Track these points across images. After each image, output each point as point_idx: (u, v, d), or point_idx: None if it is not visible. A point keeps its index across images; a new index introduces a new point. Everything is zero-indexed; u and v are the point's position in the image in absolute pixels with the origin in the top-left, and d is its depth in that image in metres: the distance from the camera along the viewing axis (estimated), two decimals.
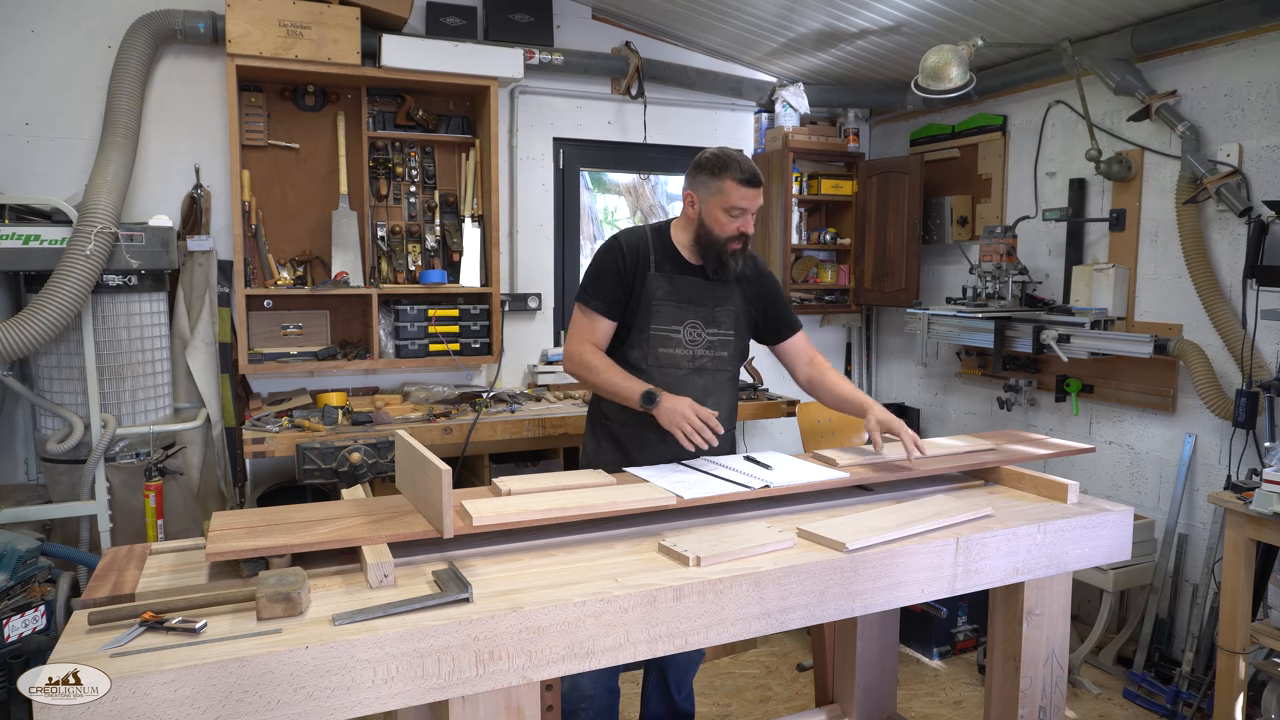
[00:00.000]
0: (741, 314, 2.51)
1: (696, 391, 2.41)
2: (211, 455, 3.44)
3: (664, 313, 2.41)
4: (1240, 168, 3.18)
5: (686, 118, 4.48)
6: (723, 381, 2.50)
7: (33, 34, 3.29)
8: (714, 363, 2.47)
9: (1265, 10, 2.97)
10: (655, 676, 2.71)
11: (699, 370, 2.44)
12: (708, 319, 2.45)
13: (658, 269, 2.42)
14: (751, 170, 2.36)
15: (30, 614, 2.44)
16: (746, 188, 2.34)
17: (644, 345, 2.41)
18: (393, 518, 1.78)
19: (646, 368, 2.40)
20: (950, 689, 3.45)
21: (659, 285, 2.41)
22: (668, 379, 2.39)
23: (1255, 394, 3.02)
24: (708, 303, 2.45)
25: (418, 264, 3.84)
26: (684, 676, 2.71)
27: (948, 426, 4.60)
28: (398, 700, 1.41)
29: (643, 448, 2.42)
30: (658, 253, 2.44)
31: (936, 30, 3.71)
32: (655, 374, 2.39)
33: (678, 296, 2.43)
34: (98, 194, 2.99)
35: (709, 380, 2.46)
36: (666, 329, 2.41)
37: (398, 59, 3.52)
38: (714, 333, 2.45)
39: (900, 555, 1.83)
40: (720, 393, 2.49)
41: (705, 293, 2.45)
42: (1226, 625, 2.84)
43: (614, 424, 2.47)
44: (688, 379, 2.42)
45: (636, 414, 2.36)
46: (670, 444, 2.33)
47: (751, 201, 2.36)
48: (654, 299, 2.41)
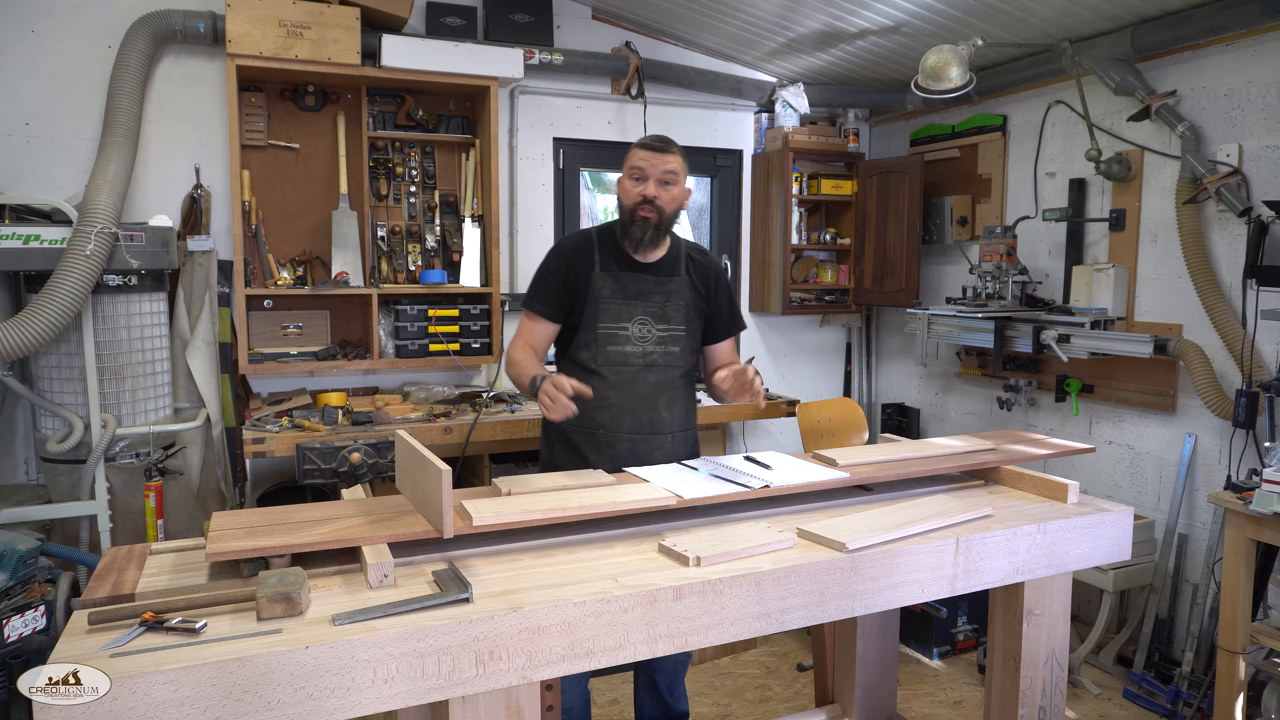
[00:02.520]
0: (693, 308, 2.48)
1: (648, 389, 2.40)
2: (211, 455, 3.44)
3: (610, 310, 2.40)
4: (1240, 168, 3.18)
5: (686, 118, 4.48)
6: (675, 378, 2.48)
7: (33, 34, 3.29)
8: (665, 359, 2.44)
9: (1265, 10, 2.97)
10: (645, 682, 2.67)
11: (650, 367, 2.42)
12: (657, 315, 2.42)
13: (603, 268, 2.42)
14: (655, 137, 2.41)
15: (30, 614, 2.43)
16: (644, 150, 2.37)
17: (592, 345, 2.39)
18: (393, 518, 1.78)
19: (597, 367, 2.39)
20: (950, 689, 3.45)
21: (604, 284, 2.40)
22: (619, 377, 2.38)
23: (1255, 394, 3.02)
24: (656, 298, 2.43)
25: (418, 264, 3.84)
26: (673, 678, 2.68)
27: (948, 426, 4.60)
28: (398, 700, 1.41)
29: (596, 448, 2.40)
30: (603, 252, 2.44)
31: (936, 30, 3.71)
32: (606, 373, 2.38)
33: (624, 293, 2.41)
34: (98, 194, 2.99)
35: (660, 377, 2.44)
36: (614, 327, 2.39)
37: (398, 59, 3.52)
38: (664, 328, 2.43)
39: (900, 555, 1.83)
40: (674, 390, 2.47)
41: (654, 288, 2.43)
42: (1226, 625, 2.84)
43: (566, 426, 2.38)
44: (639, 376, 2.40)
45: (589, 413, 2.32)
46: (625, 441, 2.36)
47: (649, 162, 2.35)
48: (600, 297, 2.39)
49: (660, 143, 2.39)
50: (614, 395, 2.39)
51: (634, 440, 2.41)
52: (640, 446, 2.41)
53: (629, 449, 2.39)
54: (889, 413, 4.85)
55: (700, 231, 5.04)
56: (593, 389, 2.32)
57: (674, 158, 2.38)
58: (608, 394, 2.38)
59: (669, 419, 2.46)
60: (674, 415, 2.47)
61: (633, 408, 2.40)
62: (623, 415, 2.40)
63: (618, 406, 2.39)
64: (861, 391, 5.10)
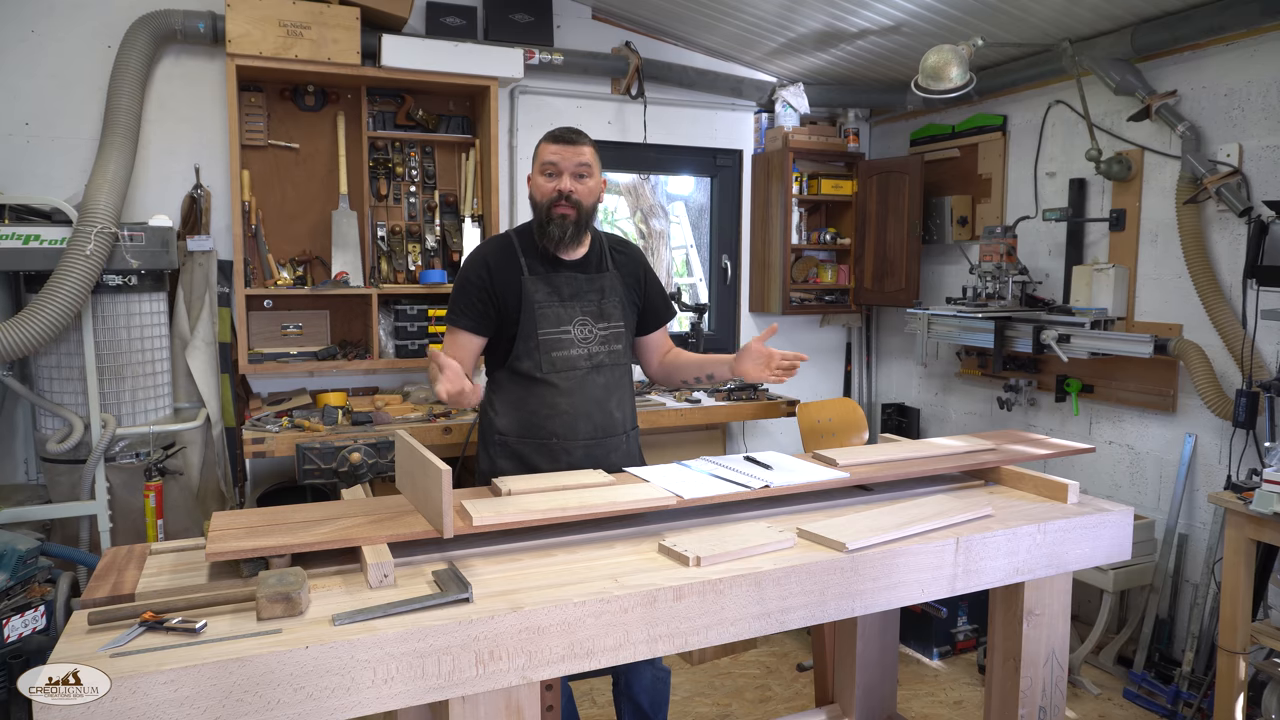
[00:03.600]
0: (627, 303, 2.41)
1: (599, 391, 2.32)
2: (211, 455, 3.44)
3: (549, 315, 2.28)
4: (1240, 168, 3.18)
5: (686, 118, 4.48)
6: (621, 376, 2.40)
7: (33, 34, 3.29)
8: (610, 357, 2.35)
9: (1265, 10, 2.97)
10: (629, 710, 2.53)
11: (598, 368, 2.33)
12: (596, 314, 2.33)
13: (530, 272, 2.30)
14: (565, 129, 2.31)
15: (30, 614, 2.44)
16: (555, 143, 2.28)
17: (535, 354, 2.27)
18: (393, 518, 1.78)
19: (543, 375, 2.27)
20: (950, 689, 3.45)
21: (536, 288, 2.28)
22: (569, 382, 2.28)
23: (1255, 394, 3.02)
24: (592, 296, 2.33)
25: (418, 264, 3.84)
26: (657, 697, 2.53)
27: (948, 426, 4.60)
28: (398, 700, 1.41)
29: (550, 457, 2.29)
30: (527, 255, 2.32)
31: (936, 30, 3.71)
32: (555, 379, 2.27)
33: (559, 295, 2.30)
34: (98, 194, 2.99)
35: (609, 377, 2.35)
36: (555, 331, 2.28)
37: (398, 59, 3.52)
38: (605, 326, 2.34)
39: (900, 555, 1.83)
40: (622, 388, 2.39)
41: (588, 286, 2.34)
42: (1226, 625, 2.84)
43: (510, 438, 2.31)
44: (588, 379, 2.31)
45: (537, 422, 2.27)
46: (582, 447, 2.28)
47: (561, 155, 2.26)
48: (535, 303, 2.27)
49: (571, 134, 2.29)
50: (565, 401, 2.28)
51: (590, 445, 2.31)
52: (596, 450, 2.31)
53: (585, 454, 2.29)
54: (889, 413, 4.85)
55: (700, 231, 5.05)
56: (541, 398, 2.27)
57: (587, 149, 2.29)
58: (558, 401, 2.27)
59: (621, 419, 2.38)
60: (624, 415, 2.40)
61: (586, 411, 2.30)
62: (577, 421, 2.29)
63: (571, 413, 2.28)
64: (861, 391, 5.10)
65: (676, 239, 5.21)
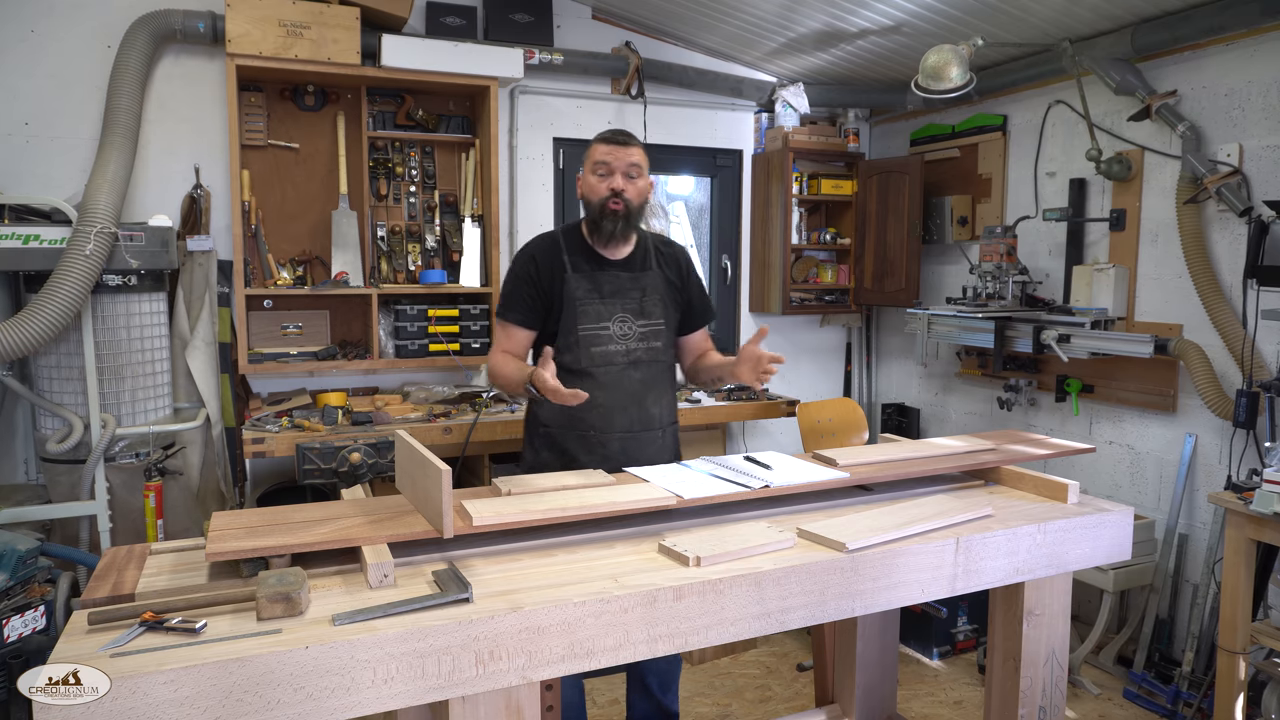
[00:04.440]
0: (669, 301, 2.49)
1: (636, 386, 2.41)
2: (211, 455, 3.44)
3: (589, 311, 2.39)
4: (1240, 168, 3.18)
5: (686, 118, 4.48)
6: (660, 373, 2.48)
7: (33, 34, 3.29)
8: (649, 354, 2.44)
9: (1265, 10, 2.97)
10: (637, 687, 2.66)
11: (635, 364, 2.42)
12: (636, 311, 2.42)
13: (574, 269, 2.41)
14: (615, 131, 2.42)
15: (30, 614, 2.44)
16: (606, 144, 2.38)
17: (575, 349, 2.38)
18: (393, 518, 1.78)
19: (581, 369, 2.37)
20: (950, 689, 3.45)
21: (578, 285, 2.39)
22: (607, 377, 2.38)
23: (1255, 394, 3.02)
24: (633, 294, 2.43)
25: (418, 264, 3.84)
26: (666, 678, 2.66)
27: (948, 426, 4.60)
28: (398, 700, 1.41)
29: (587, 449, 2.40)
30: (572, 253, 2.43)
31: (936, 30, 3.71)
32: (593, 373, 2.38)
33: (600, 292, 2.40)
34: (97, 194, 2.99)
35: (646, 373, 2.44)
36: (594, 327, 2.39)
37: (398, 59, 3.52)
38: (644, 324, 2.43)
39: (900, 555, 1.83)
40: (660, 385, 2.47)
41: (629, 284, 2.44)
42: (1226, 625, 2.84)
43: (552, 429, 2.43)
44: (625, 374, 2.40)
45: (577, 414, 2.35)
46: (618, 440, 2.37)
47: (613, 155, 2.36)
48: (576, 299, 2.38)
49: (622, 136, 2.39)
50: (602, 395, 2.37)
51: (625, 438, 2.41)
52: (631, 444, 2.41)
53: (621, 448, 2.39)
54: (889, 413, 4.85)
55: (700, 231, 5.04)
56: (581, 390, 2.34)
57: (637, 150, 2.39)
58: (596, 394, 2.35)
59: (658, 414, 2.46)
60: (662, 410, 2.48)
61: (622, 405, 2.40)
62: (613, 414, 2.39)
63: (606, 406, 2.38)
64: (861, 391, 5.10)
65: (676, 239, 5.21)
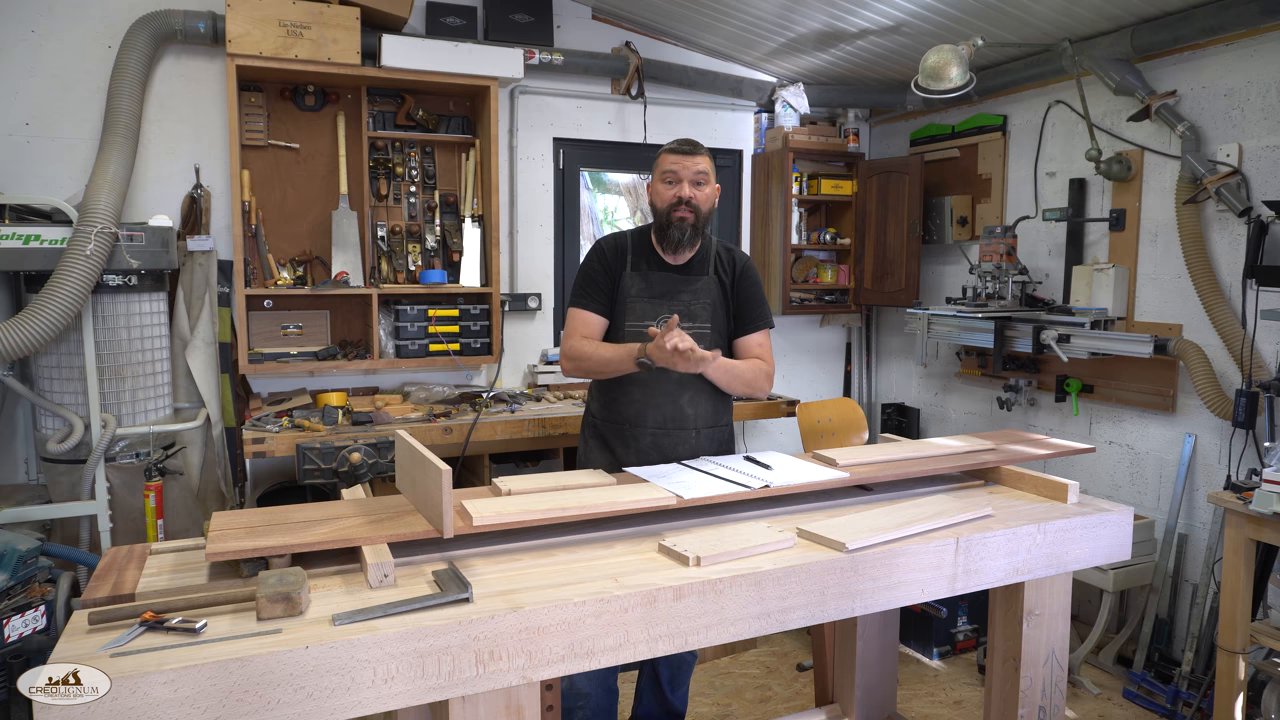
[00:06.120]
0: (719, 306, 2.54)
1: (671, 385, 2.47)
2: (211, 455, 3.44)
3: (637, 309, 2.49)
4: (1240, 168, 3.18)
5: (686, 118, 4.48)
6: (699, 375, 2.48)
7: (33, 34, 3.29)
8: None
9: (1265, 10, 2.97)
10: (648, 675, 2.73)
11: None
12: (683, 313, 2.48)
13: (634, 268, 2.52)
14: (683, 140, 2.49)
15: (30, 614, 2.44)
16: (674, 154, 2.46)
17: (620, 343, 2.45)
18: (393, 518, 1.78)
19: None
20: (950, 689, 3.45)
21: (633, 283, 2.50)
22: (644, 374, 2.43)
23: (1255, 394, 3.02)
24: (683, 296, 2.50)
25: (418, 264, 3.84)
26: (677, 674, 2.73)
27: (948, 426, 4.60)
28: (398, 700, 1.41)
29: (624, 442, 2.49)
30: (635, 253, 2.53)
31: (936, 30, 3.71)
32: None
33: (650, 292, 2.50)
34: (98, 194, 2.99)
35: (683, 374, 2.44)
36: (640, 325, 2.47)
37: (398, 59, 3.52)
38: (689, 326, 2.48)
39: (900, 555, 1.83)
40: (697, 386, 2.49)
41: (680, 286, 2.51)
42: (1226, 625, 2.84)
43: (599, 421, 2.56)
44: (662, 373, 2.43)
45: (617, 408, 2.49)
46: (649, 435, 2.44)
47: (681, 164, 2.45)
48: (628, 296, 2.49)
49: (689, 145, 2.48)
50: (638, 390, 2.47)
51: (657, 434, 2.48)
52: (663, 440, 2.48)
53: (652, 443, 2.47)
54: (889, 413, 4.85)
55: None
56: (621, 384, 2.48)
57: (704, 159, 2.48)
58: (632, 389, 2.47)
59: (693, 414, 2.50)
60: (698, 411, 2.51)
61: (656, 403, 2.47)
62: (646, 410, 2.47)
63: (641, 402, 2.47)
64: (861, 391, 5.10)
65: None
